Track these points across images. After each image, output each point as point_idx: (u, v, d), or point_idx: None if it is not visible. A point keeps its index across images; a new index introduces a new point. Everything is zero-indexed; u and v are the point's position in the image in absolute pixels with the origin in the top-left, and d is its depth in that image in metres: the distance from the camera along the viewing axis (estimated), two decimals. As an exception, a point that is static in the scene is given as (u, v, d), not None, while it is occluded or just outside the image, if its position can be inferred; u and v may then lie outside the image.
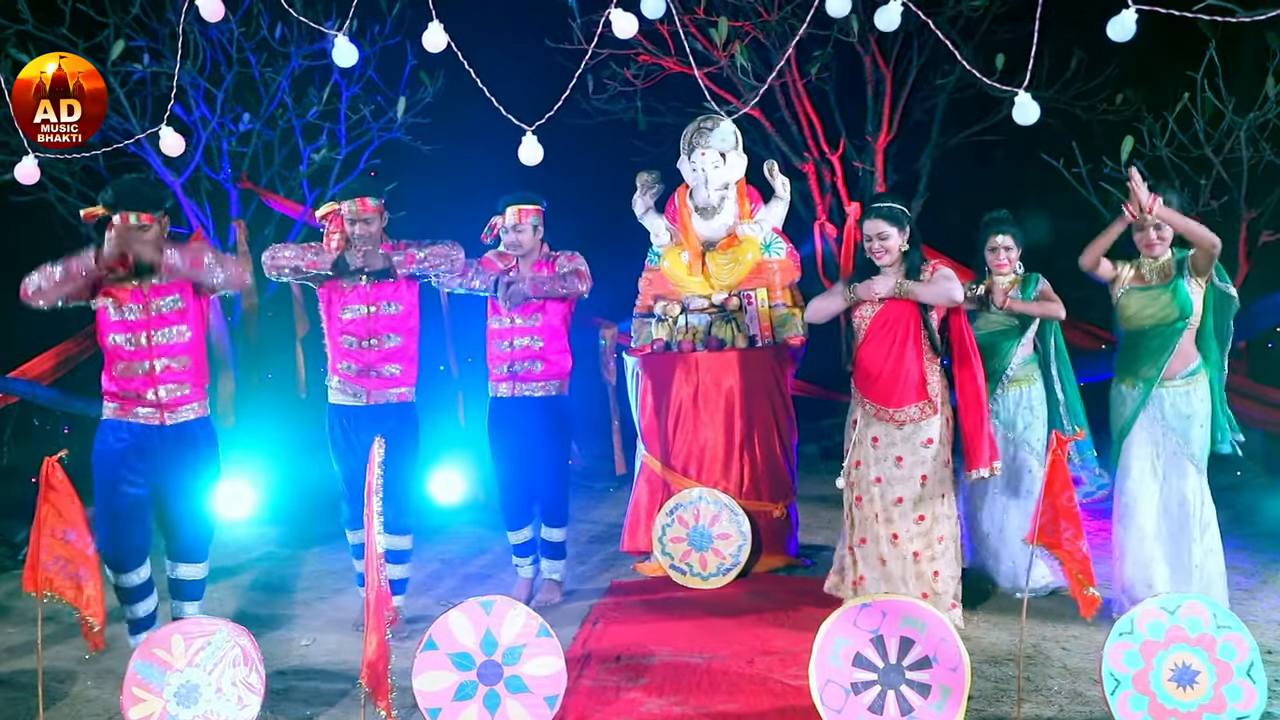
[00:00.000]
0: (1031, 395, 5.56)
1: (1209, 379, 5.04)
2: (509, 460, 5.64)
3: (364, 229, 5.12)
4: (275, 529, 7.75)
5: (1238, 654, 3.65)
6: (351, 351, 5.18)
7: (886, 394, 5.03)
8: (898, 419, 5.01)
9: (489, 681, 3.83)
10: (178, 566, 4.85)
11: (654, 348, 6.43)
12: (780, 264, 6.43)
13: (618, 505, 8.35)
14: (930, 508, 4.99)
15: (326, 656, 4.99)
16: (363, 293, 5.16)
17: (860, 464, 5.09)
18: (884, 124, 9.71)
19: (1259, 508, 7.23)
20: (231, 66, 8.60)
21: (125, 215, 4.55)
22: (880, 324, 5.04)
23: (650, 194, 6.63)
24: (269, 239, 9.35)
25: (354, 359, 5.18)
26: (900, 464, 5.00)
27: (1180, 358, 5.00)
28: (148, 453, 4.67)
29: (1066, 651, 4.72)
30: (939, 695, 3.68)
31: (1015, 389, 5.56)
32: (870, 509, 5.08)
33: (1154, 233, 5.04)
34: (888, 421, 5.03)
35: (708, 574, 5.92)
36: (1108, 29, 3.68)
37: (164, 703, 3.80)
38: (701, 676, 4.52)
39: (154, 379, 4.65)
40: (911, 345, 5.01)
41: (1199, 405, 5.00)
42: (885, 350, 5.03)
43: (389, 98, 9.09)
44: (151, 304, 4.65)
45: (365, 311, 5.17)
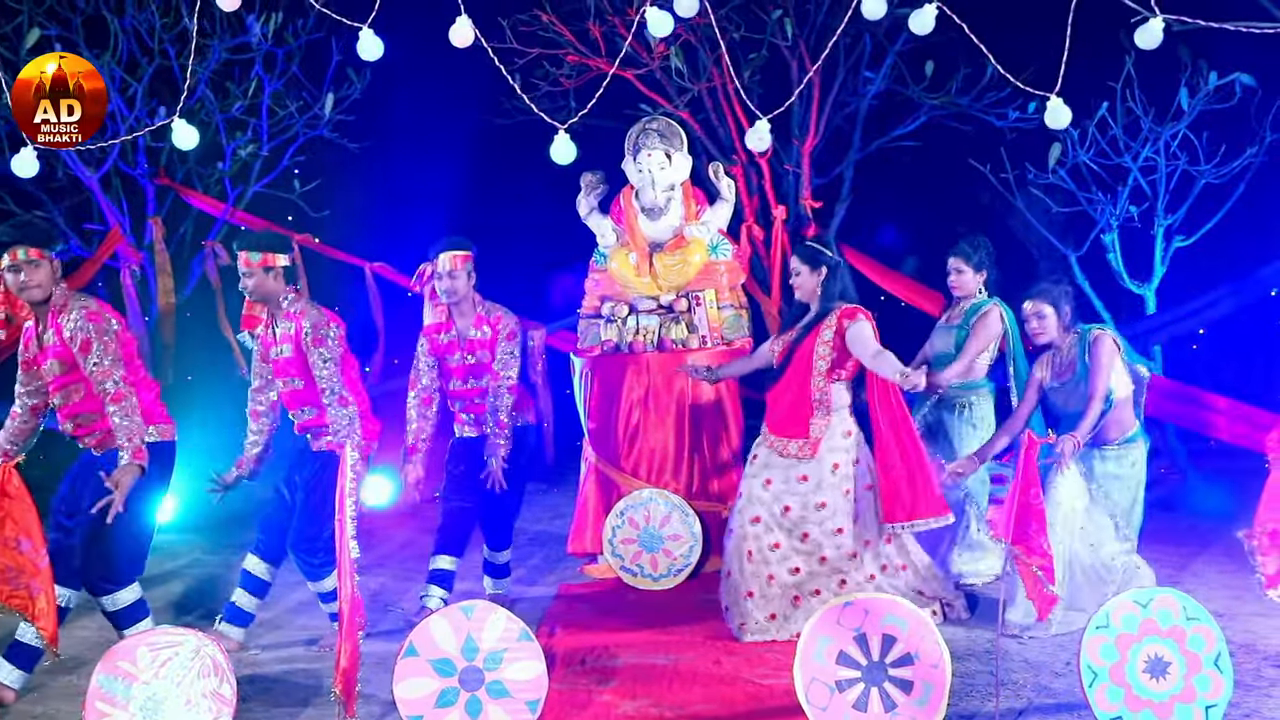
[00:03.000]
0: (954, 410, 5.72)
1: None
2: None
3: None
4: (200, 536, 7.51)
5: (1206, 645, 3.76)
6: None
7: (790, 430, 5.12)
8: (794, 454, 5.09)
9: (471, 687, 3.76)
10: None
11: (604, 349, 6.40)
12: (728, 265, 6.47)
13: (550, 508, 8.31)
14: (852, 539, 5.10)
15: (280, 665, 4.85)
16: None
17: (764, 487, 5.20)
18: (810, 127, 9.81)
19: (1178, 501, 7.51)
20: (150, 58, 8.32)
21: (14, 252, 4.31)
22: (792, 358, 5.16)
23: (595, 194, 6.61)
24: (186, 236, 9.08)
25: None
26: (795, 498, 5.10)
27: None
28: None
29: (1024, 646, 4.83)
30: (921, 691, 3.73)
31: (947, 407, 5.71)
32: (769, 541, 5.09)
33: (1035, 323, 5.14)
34: (790, 456, 5.11)
35: (659, 575, 5.92)
36: (1135, 38, 3.80)
37: (130, 716, 3.64)
38: (671, 677, 4.51)
39: (75, 433, 4.50)
40: (803, 379, 5.12)
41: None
42: (789, 386, 5.14)
43: (313, 94, 8.89)
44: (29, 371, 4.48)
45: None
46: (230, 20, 8.30)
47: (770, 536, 5.01)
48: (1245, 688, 4.24)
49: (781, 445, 5.07)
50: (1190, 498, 7.60)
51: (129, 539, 4.49)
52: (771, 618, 4.97)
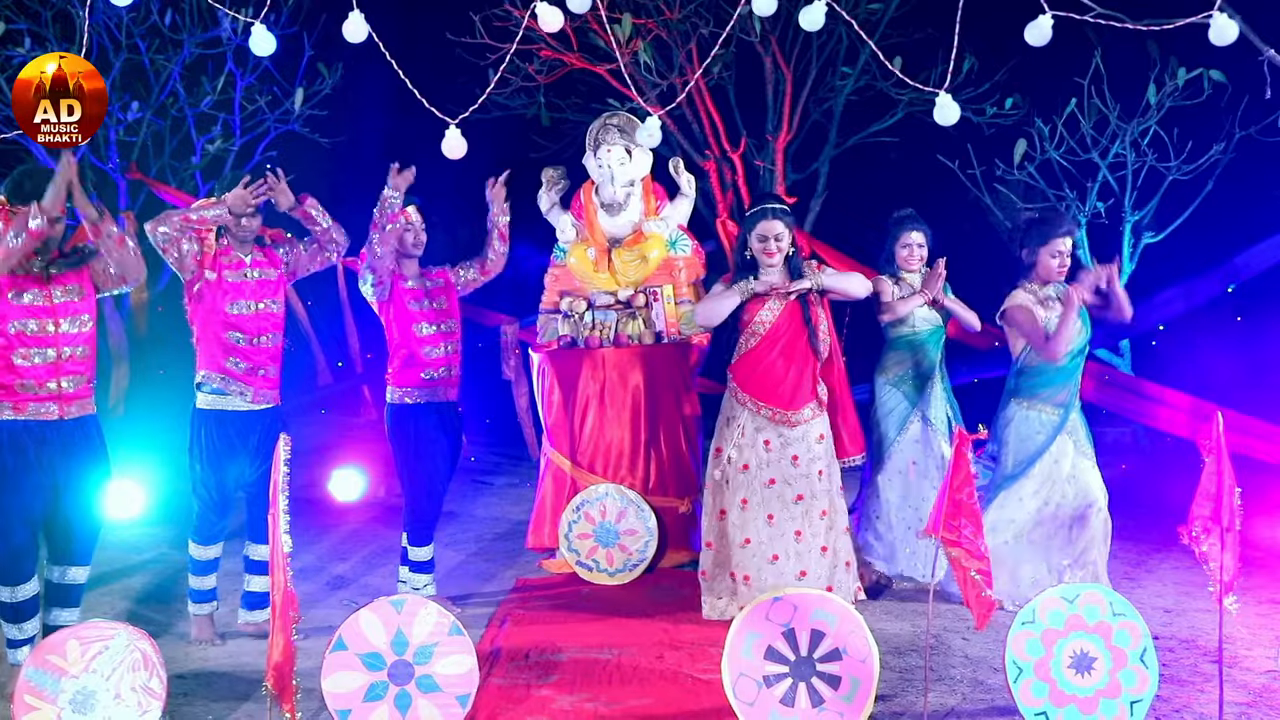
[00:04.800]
0: (943, 390, 5.72)
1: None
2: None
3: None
4: (166, 529, 7.51)
5: (1132, 640, 3.79)
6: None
7: (789, 398, 5.10)
8: (793, 420, 5.09)
9: (400, 681, 3.78)
10: (68, 570, 4.65)
11: (560, 344, 6.42)
12: (686, 261, 6.48)
13: (517, 502, 8.33)
14: (830, 501, 5.10)
15: (228, 659, 4.86)
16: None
17: (747, 467, 5.14)
18: (784, 123, 9.82)
19: (1140, 498, 7.51)
20: (119, 52, 8.33)
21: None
22: (783, 328, 5.10)
23: (556, 190, 6.62)
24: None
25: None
26: (796, 463, 5.08)
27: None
28: (45, 447, 4.47)
29: (967, 641, 4.85)
30: (849, 686, 3.75)
31: (939, 385, 5.71)
32: (759, 511, 5.13)
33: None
34: (782, 424, 5.10)
35: (614, 570, 5.93)
36: (1025, 34, 3.78)
37: (59, 710, 3.66)
38: (612, 673, 4.53)
39: (58, 368, 4.49)
40: (805, 348, 5.11)
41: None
42: (788, 354, 5.10)
43: (284, 88, 8.90)
44: (54, 290, 4.49)
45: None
46: (202, 14, 8.32)
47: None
48: (1179, 683, 4.28)
49: (798, 416, 5.17)
50: (1153, 494, 7.59)
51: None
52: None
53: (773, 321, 5.11)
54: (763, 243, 5.06)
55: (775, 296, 5.09)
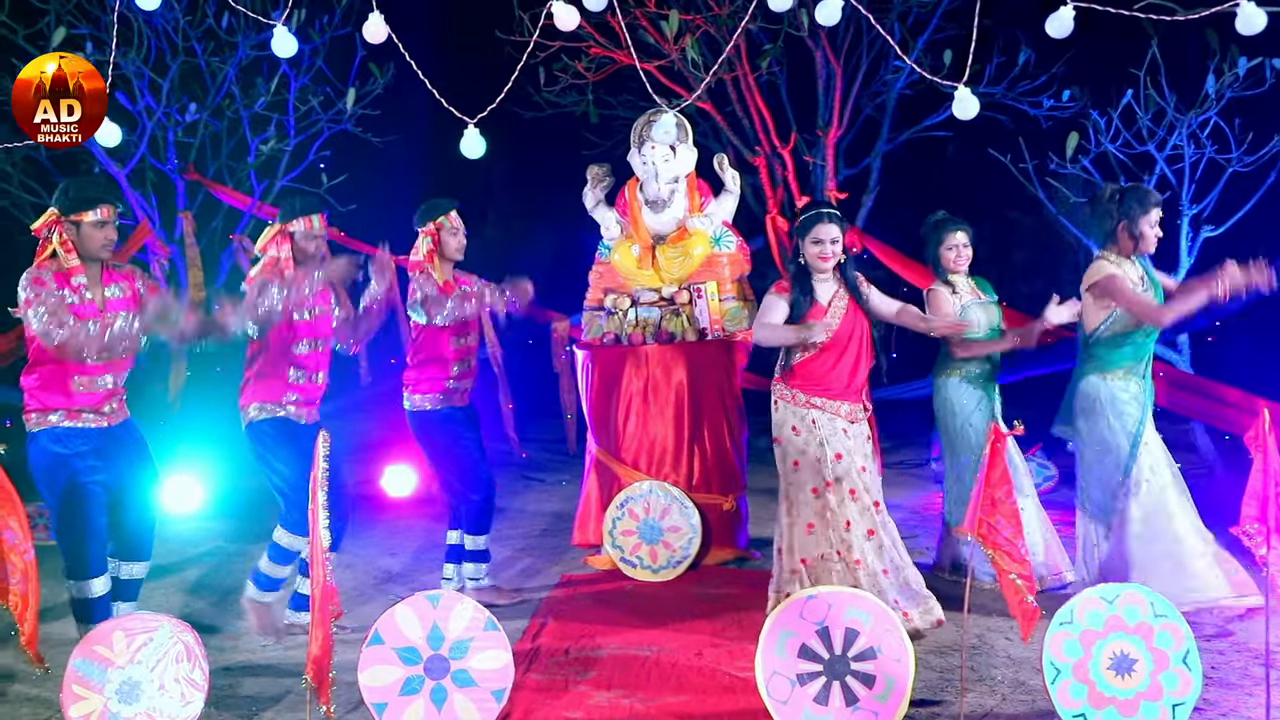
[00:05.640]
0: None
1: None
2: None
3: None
4: (222, 523, 7.65)
5: (1174, 642, 3.71)
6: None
7: (854, 396, 5.03)
8: (855, 417, 5.02)
9: (436, 676, 3.82)
10: (131, 566, 4.72)
11: (604, 341, 6.43)
12: (730, 257, 6.46)
13: (567, 499, 8.35)
14: (883, 497, 5.05)
15: (277, 653, 4.94)
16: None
17: (841, 456, 4.92)
18: (834, 118, 9.76)
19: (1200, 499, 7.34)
20: (177, 56, 8.49)
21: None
22: (852, 330, 5.01)
23: (601, 187, 6.63)
24: (217, 231, 9.26)
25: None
26: (864, 470, 5.03)
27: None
28: (101, 453, 4.53)
29: (1010, 641, 4.78)
30: (884, 686, 3.72)
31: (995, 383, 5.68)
32: (849, 506, 4.93)
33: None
34: (851, 420, 5.03)
35: (658, 567, 5.94)
36: (1046, 26, 3.73)
37: (105, 700, 3.75)
38: (650, 669, 4.54)
39: (112, 393, 4.57)
40: (870, 349, 5.06)
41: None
42: (855, 355, 5.01)
43: (338, 89, 9.01)
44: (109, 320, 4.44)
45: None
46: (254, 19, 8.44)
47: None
48: (1229, 686, 4.18)
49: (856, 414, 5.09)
50: (1215, 494, 7.43)
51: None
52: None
53: (840, 322, 5.00)
54: (818, 245, 4.93)
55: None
